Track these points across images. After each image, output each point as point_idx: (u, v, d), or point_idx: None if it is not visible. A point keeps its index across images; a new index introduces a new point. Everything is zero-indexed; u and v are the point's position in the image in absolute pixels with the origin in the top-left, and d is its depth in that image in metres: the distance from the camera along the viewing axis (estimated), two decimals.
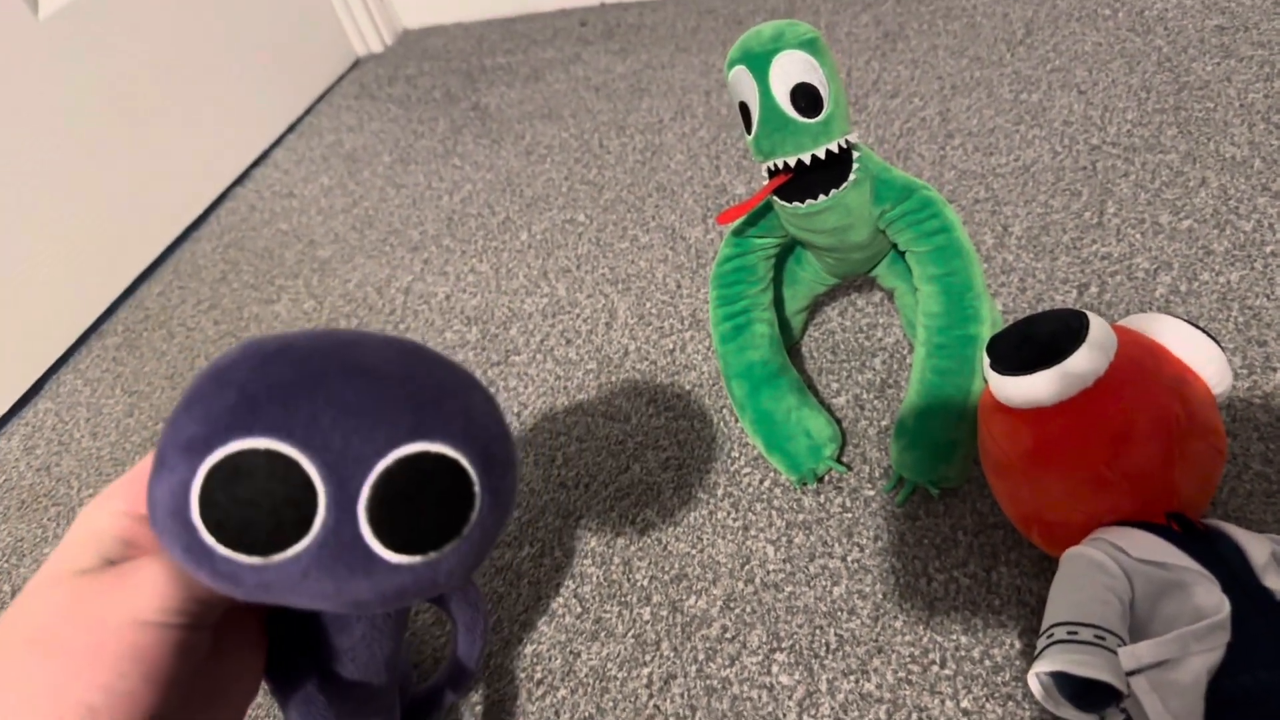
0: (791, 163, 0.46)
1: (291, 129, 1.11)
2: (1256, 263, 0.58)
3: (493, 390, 0.67)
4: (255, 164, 1.06)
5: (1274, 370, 0.52)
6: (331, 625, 0.35)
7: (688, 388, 0.63)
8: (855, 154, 0.48)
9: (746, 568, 0.51)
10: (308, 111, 1.13)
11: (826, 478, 0.54)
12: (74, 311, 0.87)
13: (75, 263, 0.87)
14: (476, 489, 0.29)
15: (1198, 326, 0.43)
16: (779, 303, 0.59)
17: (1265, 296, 0.55)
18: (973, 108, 0.77)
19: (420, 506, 0.27)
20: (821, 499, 0.53)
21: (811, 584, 0.49)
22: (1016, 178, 0.69)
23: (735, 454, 0.57)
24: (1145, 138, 0.69)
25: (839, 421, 0.57)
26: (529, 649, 0.50)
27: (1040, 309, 0.59)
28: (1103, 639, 0.36)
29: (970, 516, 0.50)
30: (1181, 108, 0.71)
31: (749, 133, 0.47)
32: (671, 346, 0.66)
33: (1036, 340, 0.42)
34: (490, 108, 1.02)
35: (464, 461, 0.28)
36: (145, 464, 0.30)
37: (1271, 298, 0.55)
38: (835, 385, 0.60)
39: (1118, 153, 0.68)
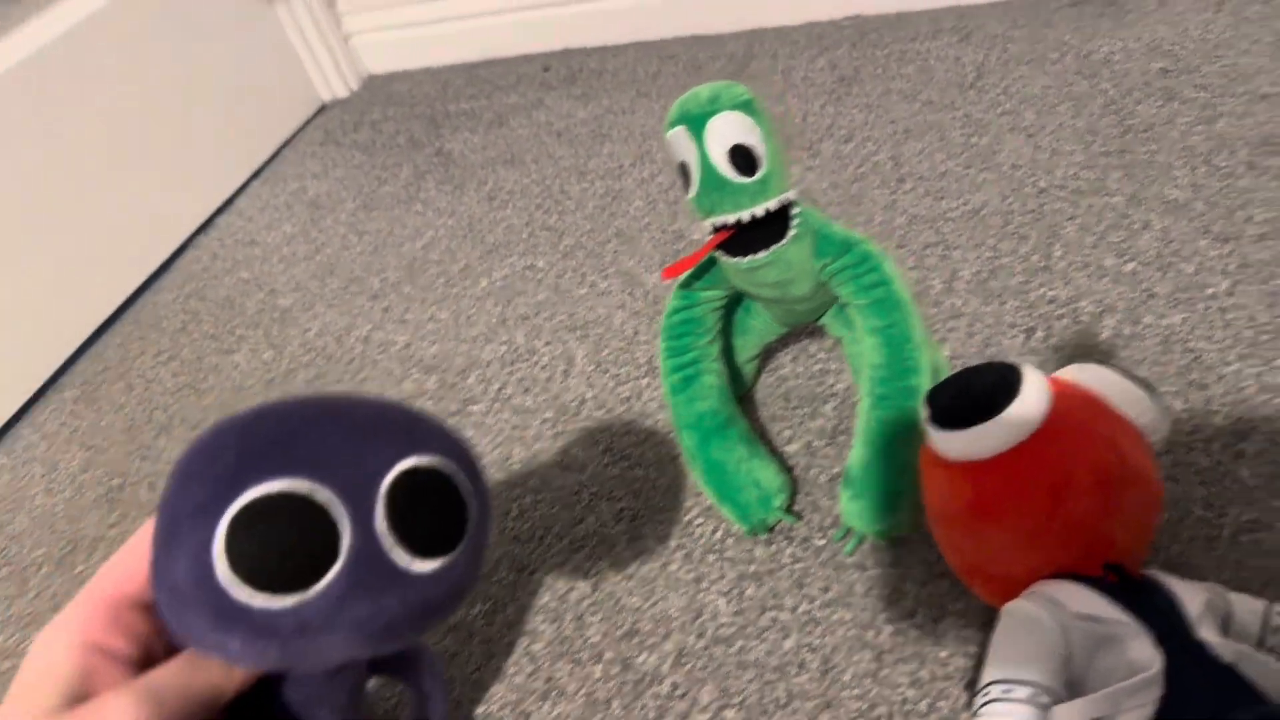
0: (731, 220, 0.47)
1: (256, 175, 1.11)
2: (1198, 305, 0.58)
3: None
4: (219, 211, 1.06)
5: (1214, 414, 0.52)
6: (294, 711, 0.35)
7: (643, 436, 0.63)
8: (795, 210, 0.49)
9: (698, 621, 0.51)
10: (273, 158, 1.14)
11: (778, 527, 0.54)
12: (32, 365, 0.86)
13: (35, 315, 0.86)
14: (466, 493, 0.32)
15: (1132, 376, 0.44)
16: (730, 352, 0.59)
17: (1206, 339, 0.56)
18: (924, 151, 0.78)
19: (428, 513, 0.30)
20: (773, 549, 0.53)
21: (762, 637, 0.49)
22: (966, 222, 0.70)
23: (689, 504, 0.57)
24: (1091, 180, 0.70)
25: (790, 470, 0.57)
26: (480, 710, 0.50)
27: (988, 353, 0.59)
28: (1038, 696, 0.36)
29: (918, 566, 0.50)
30: (1126, 150, 0.72)
31: (688, 192, 0.48)
32: (628, 394, 0.66)
33: (972, 393, 0.42)
34: (454, 153, 1.02)
35: (451, 469, 0.31)
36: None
37: (1212, 340, 0.56)
38: (788, 433, 0.60)
39: (1064, 195, 0.69)
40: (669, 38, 1.07)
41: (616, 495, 0.59)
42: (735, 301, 0.58)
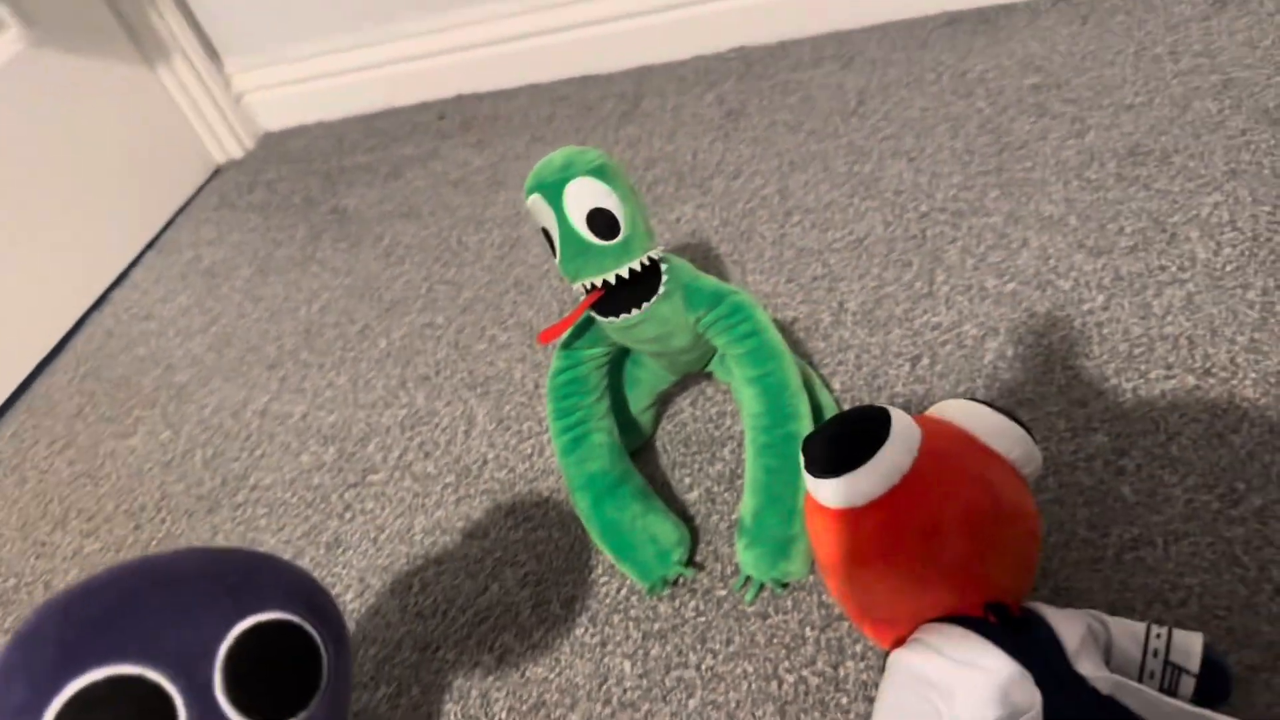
0: (598, 283, 0.47)
1: (151, 245, 1.08)
2: (1075, 322, 0.60)
3: (349, 514, 0.65)
4: (114, 285, 1.03)
5: (1094, 431, 0.53)
6: None
7: (545, 494, 0.62)
8: (664, 266, 0.48)
9: (604, 688, 0.50)
10: (168, 225, 1.11)
11: (680, 581, 0.54)
12: None
13: None
14: (318, 640, 0.30)
15: (1001, 409, 0.44)
16: (623, 405, 0.59)
17: (1085, 356, 0.57)
18: (810, 183, 0.79)
19: (275, 673, 0.29)
20: (676, 604, 0.53)
21: (667, 699, 0.49)
22: (851, 251, 0.70)
23: (592, 562, 0.57)
24: (970, 201, 0.71)
25: (691, 519, 0.57)
26: None
27: (875, 386, 0.60)
28: None
29: (817, 610, 0.50)
30: (1003, 169, 0.73)
31: (554, 256, 0.47)
32: (529, 451, 0.66)
33: (841, 441, 0.42)
34: (350, 210, 1.01)
35: (297, 619, 0.30)
36: None
37: (1090, 358, 0.57)
38: (688, 480, 0.60)
39: (945, 218, 0.71)
40: (560, 79, 1.07)
41: (520, 560, 0.58)
42: (623, 355, 0.58)
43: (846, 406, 0.59)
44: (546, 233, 0.47)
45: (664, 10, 1.01)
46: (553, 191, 0.45)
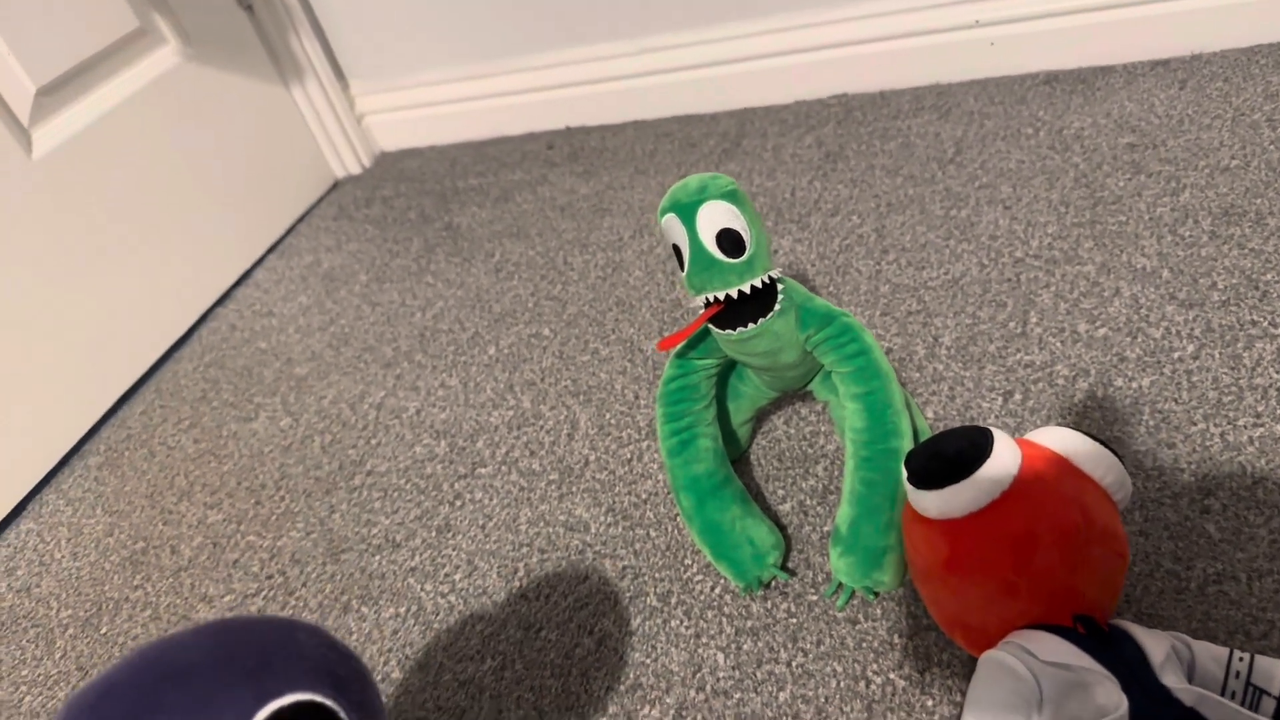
0: (720, 296, 0.51)
1: (272, 249, 1.16)
2: (1165, 368, 0.62)
3: (459, 502, 0.70)
4: (237, 284, 1.11)
5: (1181, 471, 0.55)
6: None
7: (644, 496, 0.66)
8: (780, 286, 0.53)
9: (698, 675, 0.53)
10: (288, 232, 1.19)
11: (773, 584, 0.57)
12: (58, 432, 0.90)
13: (60, 384, 0.90)
14: (342, 715, 0.31)
15: (1096, 438, 0.47)
16: (724, 416, 0.63)
17: (1174, 401, 0.60)
18: (906, 224, 0.82)
19: None
20: (769, 605, 0.56)
21: (759, 690, 0.52)
22: (946, 290, 0.74)
23: (688, 561, 0.60)
24: (1064, 250, 0.74)
25: (784, 528, 0.60)
26: None
27: (969, 416, 0.63)
28: None
29: (906, 619, 0.53)
30: (1097, 221, 0.76)
31: (682, 270, 0.52)
32: (629, 456, 0.70)
33: (946, 455, 0.45)
34: (462, 227, 1.07)
35: (318, 698, 0.31)
36: None
37: (1179, 402, 0.59)
38: (781, 492, 0.63)
39: (1039, 265, 0.74)
40: (665, 117, 1.13)
41: (618, 554, 0.62)
42: (728, 369, 0.62)
43: None
44: (676, 249, 0.52)
45: (768, 57, 1.06)
46: (687, 212, 0.50)
